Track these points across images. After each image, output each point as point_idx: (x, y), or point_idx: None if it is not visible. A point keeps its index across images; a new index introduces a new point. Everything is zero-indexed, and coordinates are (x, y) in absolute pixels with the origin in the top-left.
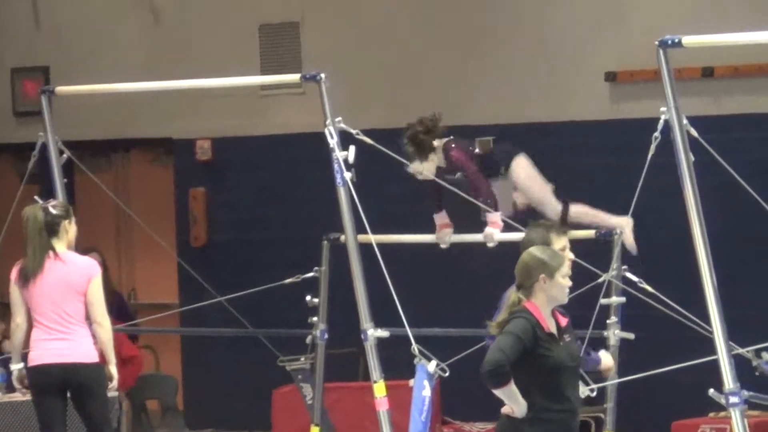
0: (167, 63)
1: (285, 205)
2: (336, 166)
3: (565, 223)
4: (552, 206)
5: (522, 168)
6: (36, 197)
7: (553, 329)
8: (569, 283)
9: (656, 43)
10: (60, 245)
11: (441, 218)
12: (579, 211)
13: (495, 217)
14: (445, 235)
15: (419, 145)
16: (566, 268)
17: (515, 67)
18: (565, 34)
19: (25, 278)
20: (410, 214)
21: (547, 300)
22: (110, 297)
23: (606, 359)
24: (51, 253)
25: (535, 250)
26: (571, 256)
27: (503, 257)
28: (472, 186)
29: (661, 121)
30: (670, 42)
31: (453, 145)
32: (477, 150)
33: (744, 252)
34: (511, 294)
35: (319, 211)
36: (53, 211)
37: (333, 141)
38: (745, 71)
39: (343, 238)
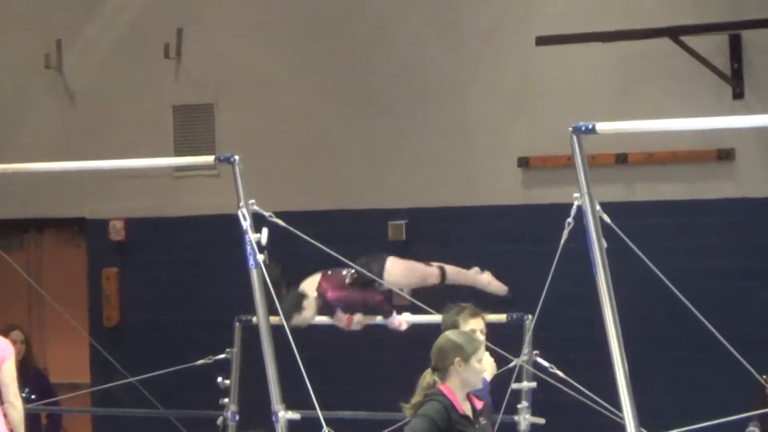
0: (81, 143)
1: (198, 286)
2: (248, 248)
3: (443, 281)
4: (433, 277)
5: (396, 269)
6: None
7: (468, 412)
8: (485, 368)
9: (570, 129)
10: None
11: None
12: (453, 271)
13: (394, 323)
14: (356, 318)
15: (289, 303)
16: (482, 353)
17: (429, 151)
18: (479, 118)
19: None
20: None
21: (461, 383)
22: (34, 375)
23: None
24: None
25: (451, 334)
26: (481, 338)
27: (416, 341)
28: (363, 309)
29: (574, 207)
30: (583, 128)
31: (325, 286)
32: (351, 273)
33: (656, 338)
34: (426, 375)
35: (232, 292)
36: None
37: (246, 223)
38: (659, 158)
39: (255, 319)
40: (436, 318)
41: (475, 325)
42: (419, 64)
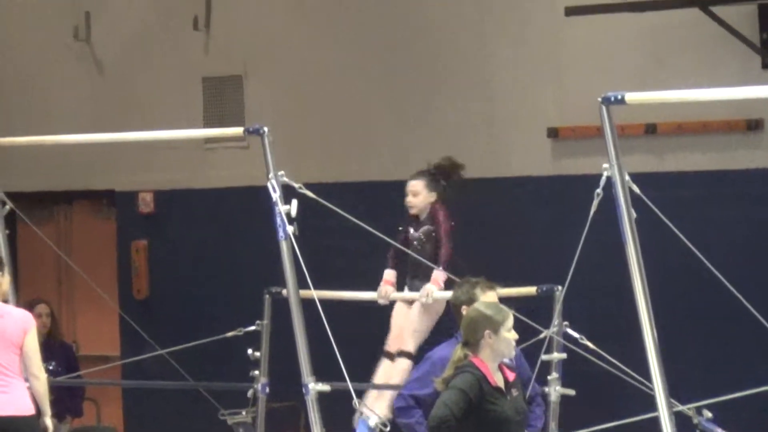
0: (110, 115)
1: (227, 258)
2: (278, 219)
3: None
4: (409, 346)
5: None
6: None
7: (500, 383)
8: (515, 336)
9: (599, 99)
10: None
11: (389, 275)
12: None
13: (438, 275)
14: (386, 291)
15: (436, 174)
16: (510, 323)
17: (457, 122)
18: (507, 89)
19: None
20: (353, 268)
21: (493, 355)
22: (60, 348)
23: None
24: None
25: (479, 305)
26: None
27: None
28: (439, 243)
29: (604, 178)
30: (612, 99)
31: (439, 203)
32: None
33: (685, 309)
34: (457, 350)
35: (261, 264)
36: None
37: (275, 195)
38: (688, 128)
39: (284, 292)
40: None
41: (492, 298)
42: (448, 35)
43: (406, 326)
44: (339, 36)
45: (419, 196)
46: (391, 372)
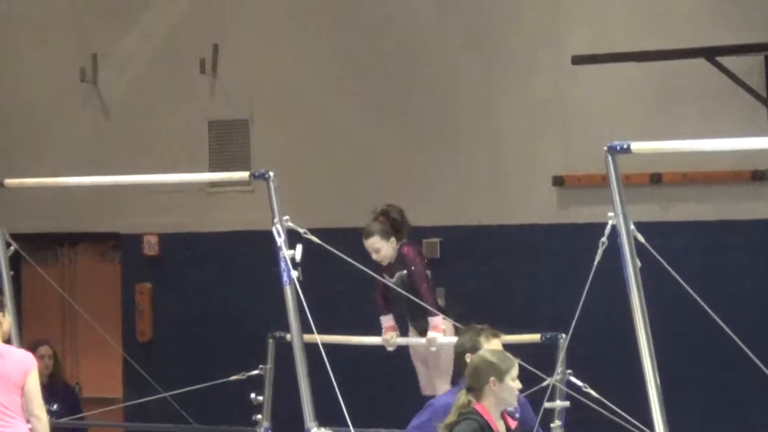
0: (116, 157)
1: (231, 301)
2: (283, 264)
3: None
4: (442, 389)
5: (449, 333)
6: None
7: (503, 431)
8: (519, 385)
9: (605, 148)
10: None
11: (387, 320)
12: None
13: (437, 321)
14: (390, 337)
15: (386, 223)
16: (515, 372)
17: (463, 169)
18: (513, 137)
19: None
20: (356, 313)
21: (496, 402)
22: (62, 389)
23: None
24: None
25: (485, 353)
26: None
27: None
28: (414, 286)
29: (609, 227)
30: (618, 148)
31: (405, 242)
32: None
33: (689, 358)
34: (461, 395)
35: (265, 308)
36: None
37: (280, 239)
38: (694, 178)
39: (288, 336)
40: None
41: (496, 346)
42: (454, 83)
43: (432, 375)
44: (345, 82)
45: (381, 250)
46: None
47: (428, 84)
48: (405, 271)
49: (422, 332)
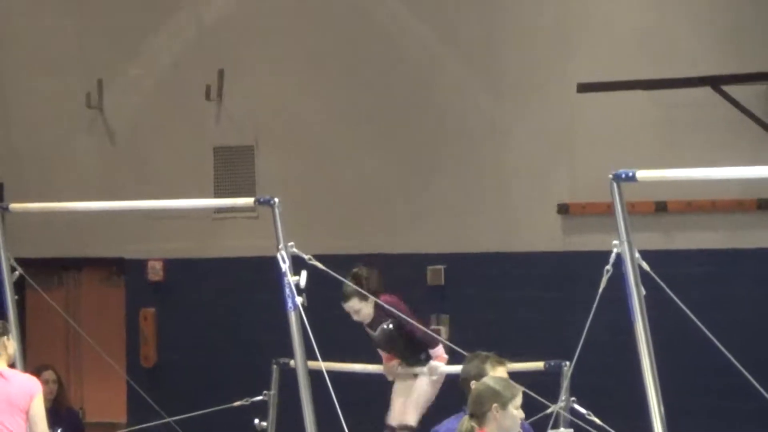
0: (121, 183)
1: (235, 327)
2: (287, 290)
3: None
4: (411, 418)
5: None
6: None
7: None
8: (522, 414)
9: (610, 176)
10: (0, 363)
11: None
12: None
13: (439, 351)
14: (392, 367)
15: (360, 285)
16: (519, 400)
17: (468, 196)
18: (519, 164)
19: None
20: (361, 339)
21: (499, 429)
22: (66, 414)
23: None
24: None
25: (489, 380)
26: None
27: (453, 388)
28: (407, 329)
29: (613, 255)
30: (623, 176)
31: (383, 295)
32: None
33: (693, 386)
34: (464, 421)
35: (269, 334)
36: None
37: (285, 265)
38: (698, 207)
39: (292, 362)
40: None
41: (501, 374)
42: (460, 110)
43: (411, 399)
44: (350, 109)
45: (361, 311)
46: None
47: (434, 112)
48: (389, 324)
49: (413, 367)
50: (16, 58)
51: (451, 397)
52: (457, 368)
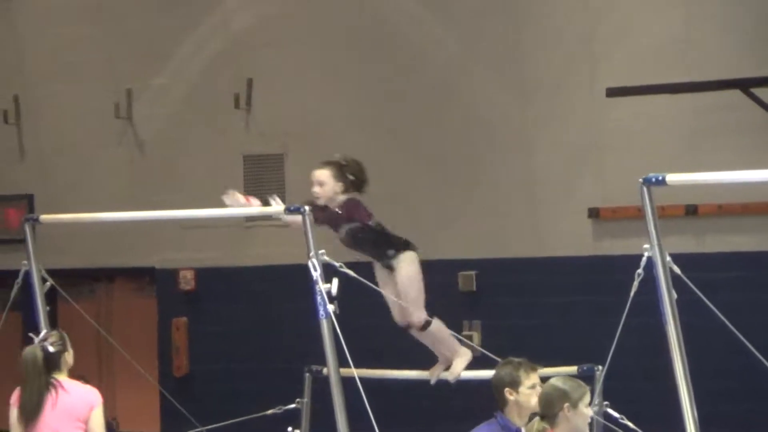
0: (151, 193)
1: (267, 335)
2: (319, 298)
3: (424, 327)
4: (417, 315)
5: (408, 263)
6: (31, 334)
7: None
8: (591, 412)
9: (640, 180)
10: (61, 376)
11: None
12: (439, 327)
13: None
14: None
15: (344, 168)
16: (588, 398)
17: (499, 202)
18: (548, 169)
19: (25, 415)
20: (393, 346)
21: (570, 429)
22: None
23: None
24: (52, 388)
25: (556, 381)
26: (538, 390)
27: (483, 394)
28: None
29: (644, 259)
30: (653, 180)
31: (355, 200)
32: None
33: (726, 390)
34: (535, 423)
35: (301, 342)
36: (51, 349)
37: (316, 273)
38: (729, 210)
39: (325, 370)
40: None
41: (535, 380)
42: (488, 117)
43: (408, 300)
44: (379, 117)
45: (326, 186)
46: (427, 338)
47: (463, 118)
48: (354, 225)
49: (388, 267)
50: (45, 69)
51: (482, 403)
52: (488, 373)
